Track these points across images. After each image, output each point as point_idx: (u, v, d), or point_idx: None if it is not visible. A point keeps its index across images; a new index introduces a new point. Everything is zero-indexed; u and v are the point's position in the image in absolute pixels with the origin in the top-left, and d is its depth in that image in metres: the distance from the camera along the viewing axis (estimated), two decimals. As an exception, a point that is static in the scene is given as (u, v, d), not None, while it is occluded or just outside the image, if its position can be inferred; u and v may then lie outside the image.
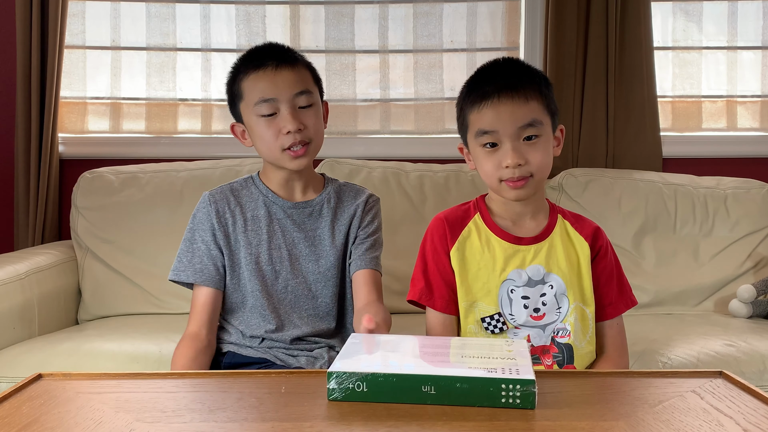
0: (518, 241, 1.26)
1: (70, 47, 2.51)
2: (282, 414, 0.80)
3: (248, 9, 2.56)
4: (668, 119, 2.58)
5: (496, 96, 1.20)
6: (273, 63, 1.35)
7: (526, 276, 1.24)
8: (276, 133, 1.34)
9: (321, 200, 1.43)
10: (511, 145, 1.19)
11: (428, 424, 0.77)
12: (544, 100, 1.22)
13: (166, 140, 2.56)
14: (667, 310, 2.20)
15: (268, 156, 1.38)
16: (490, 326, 1.23)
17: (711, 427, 0.76)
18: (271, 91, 1.33)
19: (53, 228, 2.43)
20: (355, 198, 1.46)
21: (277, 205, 1.41)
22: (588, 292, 1.25)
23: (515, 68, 1.26)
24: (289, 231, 1.40)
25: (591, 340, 1.25)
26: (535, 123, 1.19)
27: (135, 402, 0.83)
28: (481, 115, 1.21)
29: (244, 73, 1.37)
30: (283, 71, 1.35)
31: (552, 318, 1.23)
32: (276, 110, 1.34)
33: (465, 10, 2.58)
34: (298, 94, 1.35)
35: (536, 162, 1.19)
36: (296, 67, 1.37)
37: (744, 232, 2.27)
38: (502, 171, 1.20)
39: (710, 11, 2.57)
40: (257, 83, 1.35)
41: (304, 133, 1.34)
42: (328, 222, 1.42)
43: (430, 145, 2.57)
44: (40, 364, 1.58)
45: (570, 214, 1.31)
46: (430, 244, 1.29)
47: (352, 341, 0.99)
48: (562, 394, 0.88)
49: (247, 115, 1.37)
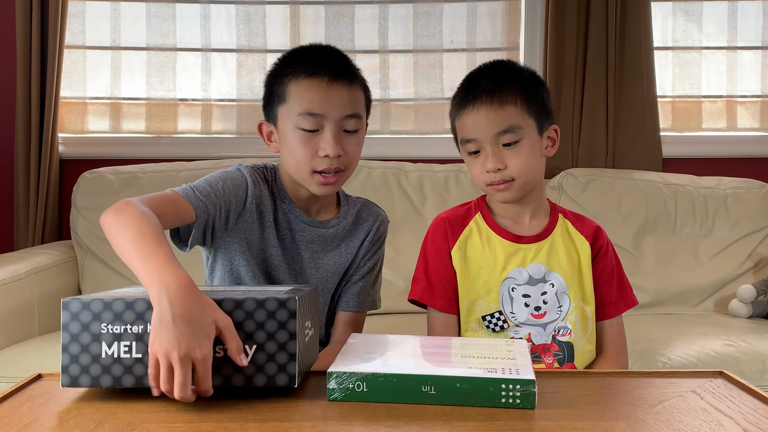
0: (519, 239, 1.26)
1: (70, 47, 2.51)
2: (282, 414, 0.80)
3: (248, 9, 2.56)
4: (668, 119, 2.58)
5: (472, 103, 1.21)
6: (330, 73, 1.19)
7: (527, 274, 1.24)
8: (312, 153, 1.19)
9: (336, 224, 1.32)
10: (491, 150, 1.20)
11: (428, 424, 0.77)
12: (525, 104, 1.21)
13: (166, 140, 2.56)
14: (667, 310, 2.20)
15: (295, 173, 1.23)
16: (491, 324, 1.24)
17: (711, 427, 0.76)
18: (320, 106, 1.18)
19: (53, 228, 2.43)
20: (367, 225, 1.36)
21: (292, 215, 1.29)
22: (588, 290, 1.26)
23: (497, 73, 1.25)
24: (297, 245, 1.30)
25: (591, 339, 1.26)
26: (512, 129, 1.19)
27: (135, 402, 0.83)
28: (462, 123, 1.24)
29: (294, 75, 1.20)
30: (337, 87, 1.19)
31: (553, 316, 1.23)
32: (319, 128, 1.19)
33: (465, 10, 2.58)
34: (348, 117, 1.20)
35: (515, 167, 1.20)
36: (353, 85, 1.22)
37: (744, 232, 2.28)
38: (486, 175, 1.22)
39: (710, 11, 2.57)
40: (307, 92, 1.19)
41: (342, 160, 1.20)
42: (336, 249, 1.33)
43: (430, 145, 2.57)
44: (40, 364, 1.58)
45: (571, 214, 1.32)
46: (431, 243, 1.29)
47: (352, 341, 0.99)
48: (562, 394, 0.88)
49: (285, 121, 1.22)
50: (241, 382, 0.84)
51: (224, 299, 0.84)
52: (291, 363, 0.84)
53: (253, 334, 0.84)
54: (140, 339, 0.83)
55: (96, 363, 0.83)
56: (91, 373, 0.83)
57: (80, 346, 0.84)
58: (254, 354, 0.84)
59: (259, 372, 0.84)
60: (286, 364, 0.84)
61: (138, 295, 0.86)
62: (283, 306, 0.84)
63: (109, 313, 0.84)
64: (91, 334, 0.84)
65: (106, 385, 0.83)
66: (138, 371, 0.83)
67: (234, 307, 0.84)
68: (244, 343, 0.83)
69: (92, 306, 0.84)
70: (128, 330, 0.83)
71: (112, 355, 0.83)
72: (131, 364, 0.83)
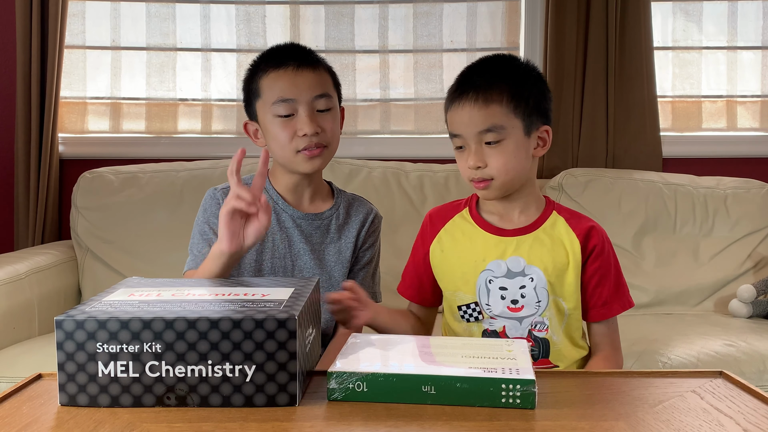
0: (501, 232, 1.26)
1: (70, 47, 2.51)
2: (282, 414, 0.80)
3: (248, 9, 2.57)
4: (668, 119, 2.58)
5: (459, 100, 1.21)
6: (294, 63, 1.31)
7: (505, 267, 1.24)
8: (291, 135, 1.30)
9: (330, 215, 1.40)
10: (474, 148, 1.21)
11: (428, 424, 0.77)
12: (512, 103, 1.20)
13: (166, 140, 2.56)
14: (667, 310, 2.20)
15: (281, 158, 1.34)
16: (465, 314, 1.26)
17: (711, 427, 0.76)
18: (290, 91, 1.30)
19: (53, 228, 2.43)
20: (361, 215, 1.43)
21: (286, 213, 1.38)
22: (570, 289, 1.24)
23: (490, 69, 1.25)
24: (296, 242, 1.37)
25: (566, 335, 1.25)
26: (494, 128, 1.19)
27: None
28: (450, 118, 1.25)
29: (263, 71, 1.33)
30: (303, 72, 1.31)
31: (531, 311, 1.23)
32: (294, 111, 1.30)
33: (465, 10, 2.58)
34: (318, 97, 1.32)
35: (495, 166, 1.20)
36: (317, 69, 1.34)
37: (744, 232, 2.28)
38: (468, 171, 1.23)
39: (710, 11, 2.57)
40: (276, 82, 1.31)
41: (321, 137, 1.31)
42: (335, 239, 1.39)
43: (430, 145, 2.57)
44: (40, 364, 1.58)
45: (568, 211, 1.30)
46: (416, 239, 1.37)
47: (352, 341, 0.99)
48: (562, 394, 0.88)
49: (263, 114, 1.34)
50: (241, 402, 0.82)
51: (221, 318, 0.81)
52: (292, 383, 0.82)
53: (252, 354, 0.81)
54: (137, 359, 0.81)
55: (93, 382, 0.81)
56: (89, 393, 0.82)
57: (76, 365, 0.81)
58: (253, 374, 0.82)
59: (258, 392, 0.82)
60: (287, 384, 0.82)
61: (134, 312, 0.83)
62: (283, 326, 0.81)
63: (104, 332, 0.81)
64: (86, 353, 0.81)
65: (104, 405, 0.81)
66: (136, 391, 0.81)
67: (232, 327, 0.81)
68: (242, 363, 0.82)
69: (86, 325, 0.81)
70: (124, 349, 0.81)
71: (109, 374, 0.81)
72: (128, 384, 0.81)
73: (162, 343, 0.81)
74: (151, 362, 0.81)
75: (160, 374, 0.81)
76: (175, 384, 0.81)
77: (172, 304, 0.87)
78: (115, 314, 0.82)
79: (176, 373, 0.81)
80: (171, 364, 0.81)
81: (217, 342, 0.81)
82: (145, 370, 0.81)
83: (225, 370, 0.81)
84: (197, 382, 0.82)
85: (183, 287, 0.98)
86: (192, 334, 0.81)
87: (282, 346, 0.82)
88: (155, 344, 0.81)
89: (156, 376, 0.81)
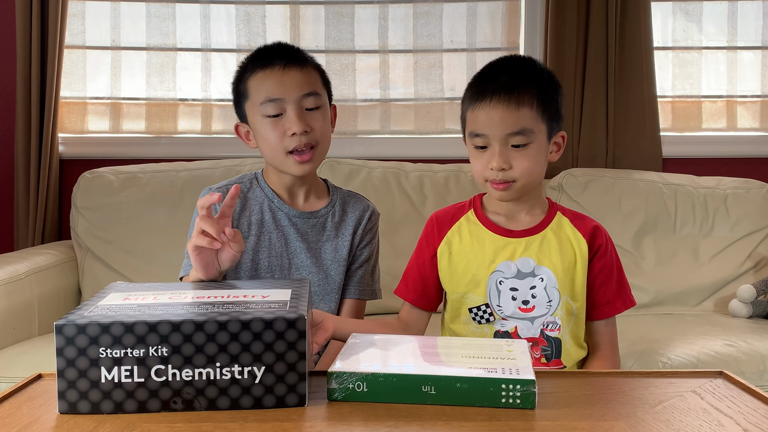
0: (509, 233, 1.27)
1: (70, 47, 2.51)
2: (282, 414, 0.80)
3: (248, 9, 2.57)
4: (668, 119, 2.58)
5: (489, 99, 1.19)
6: (281, 62, 1.30)
7: (515, 268, 1.24)
8: (281, 135, 1.29)
9: (326, 213, 1.39)
10: (499, 149, 1.19)
11: (428, 424, 0.77)
12: (540, 107, 1.20)
13: (166, 140, 2.56)
14: (667, 310, 2.20)
15: (272, 159, 1.33)
16: (477, 317, 1.25)
17: (711, 427, 0.76)
18: (277, 90, 1.29)
19: (53, 228, 2.43)
20: (357, 212, 1.41)
21: (282, 212, 1.37)
22: (578, 288, 1.25)
23: (517, 70, 1.24)
24: (292, 240, 1.37)
25: (572, 336, 1.25)
26: (524, 132, 1.19)
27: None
28: (474, 116, 1.22)
29: (251, 72, 1.32)
30: (291, 71, 1.30)
31: (542, 311, 1.23)
32: (282, 111, 1.29)
33: (465, 10, 2.58)
34: (306, 95, 1.30)
35: (520, 169, 1.20)
36: (305, 68, 1.32)
37: (744, 232, 2.28)
38: (488, 172, 1.21)
39: (710, 11, 2.57)
40: (264, 82, 1.30)
41: (310, 136, 1.30)
42: (331, 237, 1.39)
43: (430, 145, 2.57)
44: (40, 364, 1.58)
45: (570, 212, 1.31)
46: (419, 241, 1.34)
47: (352, 341, 0.99)
48: (562, 394, 0.88)
49: (252, 115, 1.33)
50: (250, 404, 0.81)
51: (230, 320, 0.80)
52: (301, 383, 0.82)
53: (261, 356, 0.81)
54: (142, 363, 0.79)
55: (95, 389, 0.79)
56: (91, 399, 0.79)
57: (77, 372, 0.79)
58: (263, 375, 0.81)
59: (268, 393, 0.81)
60: (296, 384, 0.82)
61: (138, 315, 0.81)
62: (293, 326, 0.81)
63: (108, 336, 0.78)
64: (89, 359, 0.79)
65: (107, 412, 0.79)
66: (141, 396, 0.80)
67: (241, 328, 0.80)
68: (252, 365, 0.81)
69: (89, 330, 0.78)
70: (129, 354, 0.79)
71: (112, 380, 0.79)
72: (133, 389, 0.79)
73: (168, 347, 0.79)
74: (157, 366, 0.79)
75: (167, 378, 0.80)
76: (182, 388, 0.80)
77: (174, 307, 0.86)
78: (117, 318, 0.80)
79: (183, 377, 0.80)
80: (178, 368, 0.80)
81: (225, 344, 0.80)
82: (151, 374, 0.79)
83: (234, 372, 0.80)
84: (205, 385, 0.80)
85: (177, 290, 0.96)
86: (199, 337, 0.80)
87: (291, 346, 0.81)
88: (161, 347, 0.79)
89: (162, 380, 0.80)
